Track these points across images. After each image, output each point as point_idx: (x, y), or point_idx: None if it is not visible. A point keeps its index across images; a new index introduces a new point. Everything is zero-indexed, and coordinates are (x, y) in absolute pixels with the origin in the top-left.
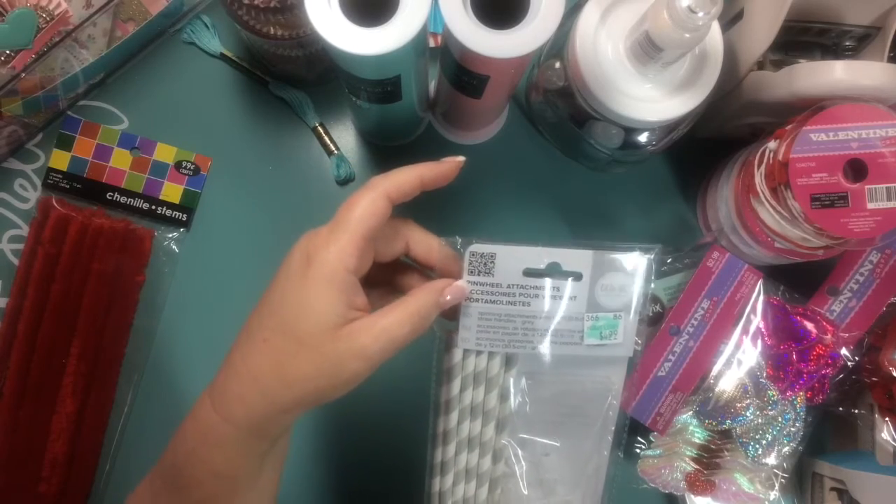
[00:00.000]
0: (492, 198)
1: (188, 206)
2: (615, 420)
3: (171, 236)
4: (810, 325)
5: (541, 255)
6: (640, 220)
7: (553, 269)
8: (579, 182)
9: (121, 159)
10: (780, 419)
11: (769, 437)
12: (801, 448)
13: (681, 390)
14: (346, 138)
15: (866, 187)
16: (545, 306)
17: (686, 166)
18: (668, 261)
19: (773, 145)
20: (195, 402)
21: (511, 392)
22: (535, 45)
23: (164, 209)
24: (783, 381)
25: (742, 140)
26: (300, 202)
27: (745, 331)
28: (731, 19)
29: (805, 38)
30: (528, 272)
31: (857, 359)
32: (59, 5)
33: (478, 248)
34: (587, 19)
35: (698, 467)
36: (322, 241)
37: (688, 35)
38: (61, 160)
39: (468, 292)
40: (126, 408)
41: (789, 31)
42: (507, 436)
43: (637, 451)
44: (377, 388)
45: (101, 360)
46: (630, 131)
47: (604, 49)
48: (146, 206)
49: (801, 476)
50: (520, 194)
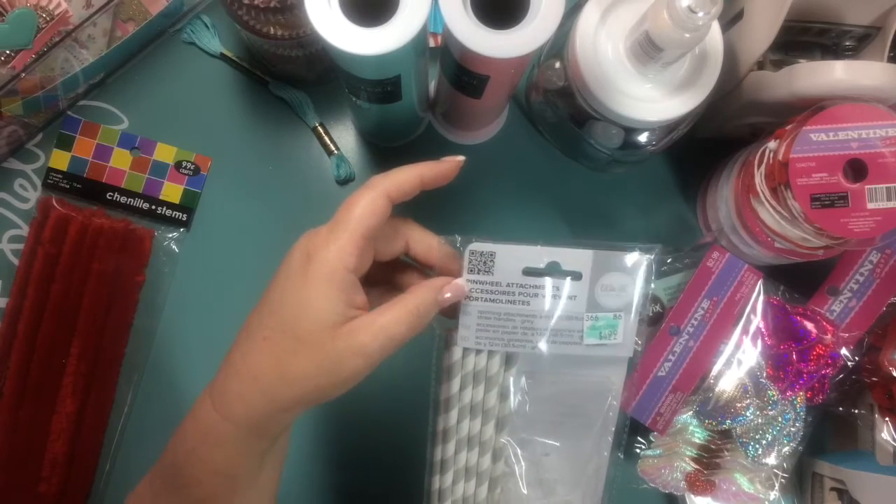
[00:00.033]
0: (492, 198)
1: (188, 206)
2: (615, 420)
3: (171, 236)
4: (810, 325)
5: (540, 255)
6: (640, 220)
7: (553, 269)
8: (579, 182)
9: (121, 159)
10: (780, 419)
11: (769, 437)
12: (801, 448)
13: (681, 390)
14: (346, 138)
15: (866, 187)
16: (545, 306)
17: (686, 166)
18: (668, 261)
19: (773, 145)
20: (195, 401)
21: (511, 391)
22: (535, 45)
23: (164, 209)
24: (783, 381)
25: (742, 140)
26: (300, 202)
27: (745, 331)
28: (731, 19)
29: (805, 38)
30: (528, 271)
31: (857, 359)
32: (59, 5)
33: (477, 246)
34: (587, 19)
35: (698, 467)
36: (322, 240)
37: (688, 35)
38: (61, 160)
39: (467, 291)
40: (126, 408)
41: (789, 31)
42: (507, 435)
43: (637, 451)
44: (377, 387)
45: (101, 360)
46: (630, 131)
47: (604, 49)
48: (146, 206)
49: (801, 476)
50: (520, 194)
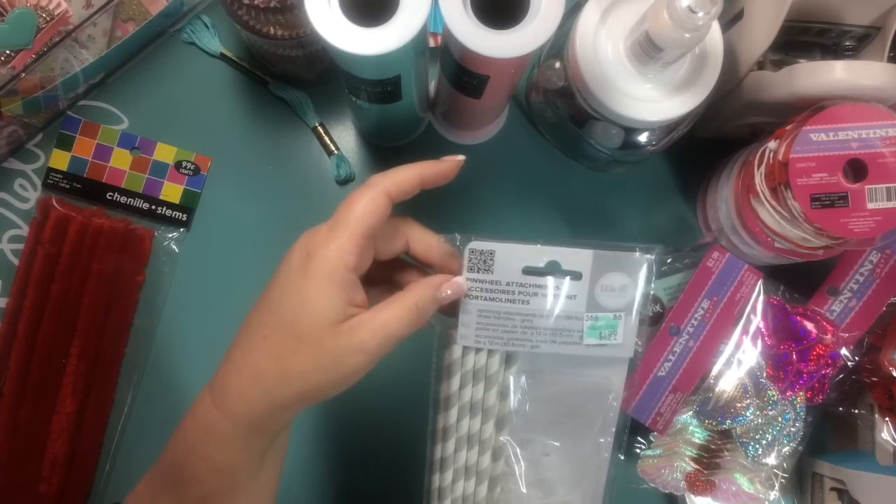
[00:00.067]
0: (492, 198)
1: (188, 206)
2: (615, 421)
3: (171, 236)
4: (810, 325)
5: (540, 254)
6: (640, 220)
7: (552, 268)
8: (579, 182)
9: (121, 159)
10: (780, 419)
11: (769, 437)
12: (801, 448)
13: (681, 390)
14: (346, 138)
15: (866, 187)
16: (544, 305)
17: (686, 166)
18: (668, 261)
19: (773, 145)
20: (195, 400)
21: (511, 390)
22: (535, 45)
23: (164, 209)
24: (783, 381)
25: (742, 140)
26: (300, 202)
27: (745, 331)
28: (731, 19)
29: (805, 38)
30: (528, 270)
31: (857, 359)
32: (59, 5)
33: (477, 245)
34: (587, 19)
35: (698, 467)
36: (322, 239)
37: (688, 35)
38: (61, 160)
39: (466, 289)
40: (126, 408)
41: (789, 31)
42: (507, 434)
43: (637, 451)
44: (377, 384)
45: (101, 360)
46: (630, 131)
47: (604, 49)
48: (146, 206)
49: (801, 476)
50: (520, 194)
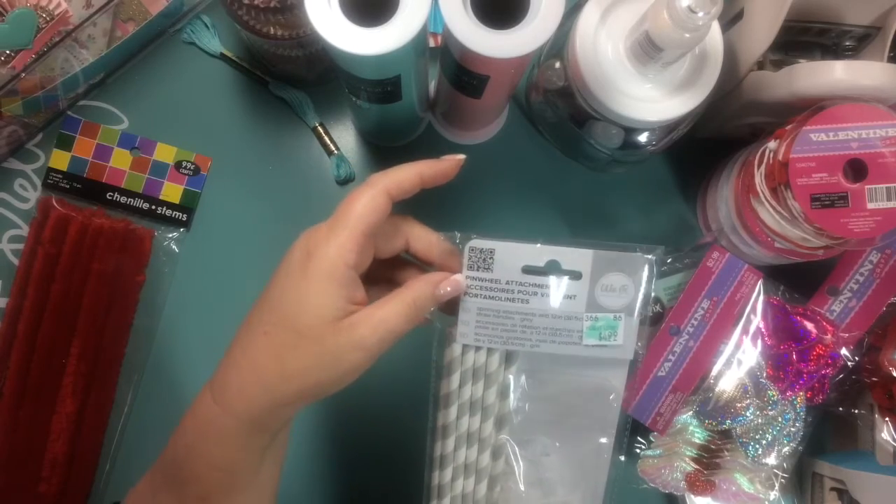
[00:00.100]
0: (492, 198)
1: (188, 206)
2: (616, 422)
3: (171, 236)
4: (810, 325)
5: (540, 253)
6: (640, 220)
7: (552, 268)
8: (579, 182)
9: (121, 159)
10: (780, 419)
11: (769, 437)
12: (801, 448)
13: (681, 390)
14: (346, 138)
15: (866, 187)
16: (543, 304)
17: (686, 166)
18: (668, 261)
19: (773, 145)
20: (195, 397)
21: (510, 389)
22: (535, 45)
23: (164, 209)
24: (783, 381)
25: (742, 140)
26: (300, 202)
27: (745, 331)
28: (731, 19)
29: (805, 38)
30: (527, 269)
31: (857, 359)
32: (59, 5)
33: (477, 243)
34: (587, 19)
35: (698, 467)
36: (322, 237)
37: (688, 35)
38: (61, 160)
39: (465, 286)
40: (126, 408)
41: (789, 31)
42: (507, 433)
43: (637, 451)
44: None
45: (101, 360)
46: (630, 131)
47: (604, 49)
48: (146, 206)
49: (801, 476)
50: (520, 194)
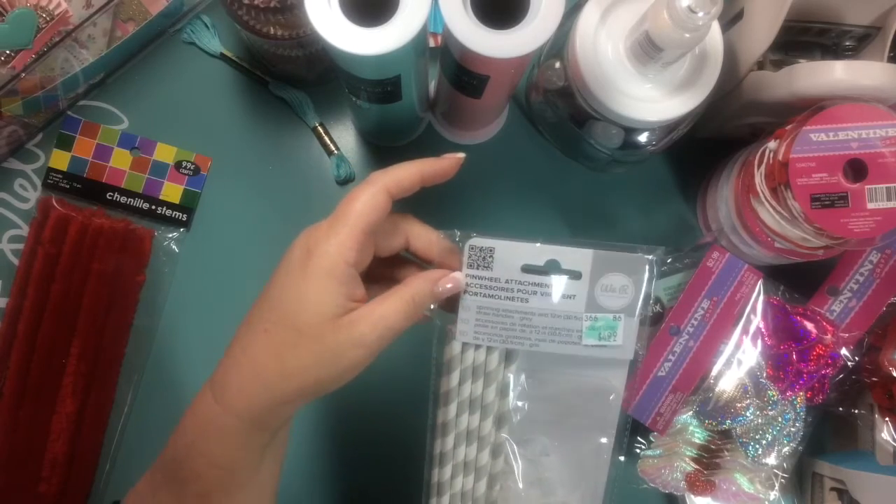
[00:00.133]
0: (492, 198)
1: (188, 206)
2: (616, 422)
3: (171, 236)
4: (810, 325)
5: (540, 252)
6: (640, 220)
7: (552, 267)
8: (579, 182)
9: (121, 159)
10: (780, 419)
11: (769, 437)
12: (801, 448)
13: (681, 390)
14: (346, 138)
15: (866, 187)
16: (543, 304)
17: (686, 166)
18: (668, 261)
19: (773, 145)
20: (195, 396)
21: (510, 388)
22: (535, 45)
23: (164, 209)
24: (783, 381)
25: (742, 140)
26: (300, 202)
27: (745, 331)
28: (731, 19)
29: (805, 38)
30: (527, 268)
31: (857, 359)
32: (59, 5)
33: (477, 242)
34: (587, 19)
35: (698, 467)
36: (322, 235)
37: (688, 35)
38: (61, 160)
39: (464, 284)
40: (126, 408)
41: (789, 31)
42: (506, 432)
43: (637, 451)
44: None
45: (101, 360)
46: (630, 131)
47: (604, 49)
48: (146, 206)
49: (801, 476)
50: (520, 194)
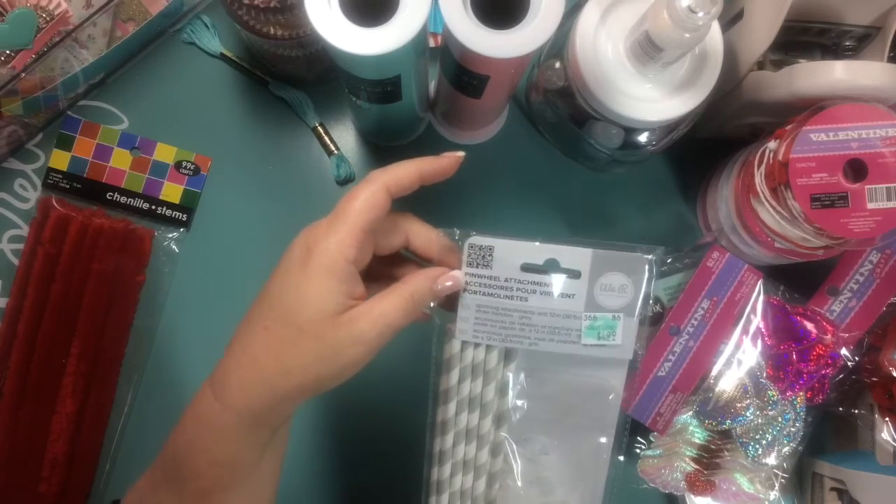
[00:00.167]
0: (491, 198)
1: (188, 206)
2: (615, 422)
3: (171, 236)
4: (810, 325)
5: (539, 251)
6: (640, 220)
7: (551, 266)
8: (579, 182)
9: (121, 159)
10: (780, 419)
11: (769, 437)
12: (801, 448)
13: (681, 390)
14: (346, 138)
15: (866, 187)
16: (542, 303)
17: (686, 166)
18: (668, 261)
19: (773, 145)
20: (195, 394)
21: (510, 387)
22: (535, 45)
23: (164, 209)
24: (783, 381)
25: (742, 140)
26: (300, 202)
27: (745, 331)
28: (731, 19)
29: (805, 38)
30: (526, 267)
31: (857, 359)
32: (59, 5)
33: (476, 240)
34: (587, 19)
35: (698, 467)
36: (322, 233)
37: (688, 35)
38: (61, 160)
39: (463, 282)
40: (126, 408)
41: (789, 31)
42: (506, 431)
43: (637, 451)
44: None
45: (101, 360)
46: (630, 131)
47: (604, 49)
48: (146, 206)
49: (801, 476)
50: (520, 194)
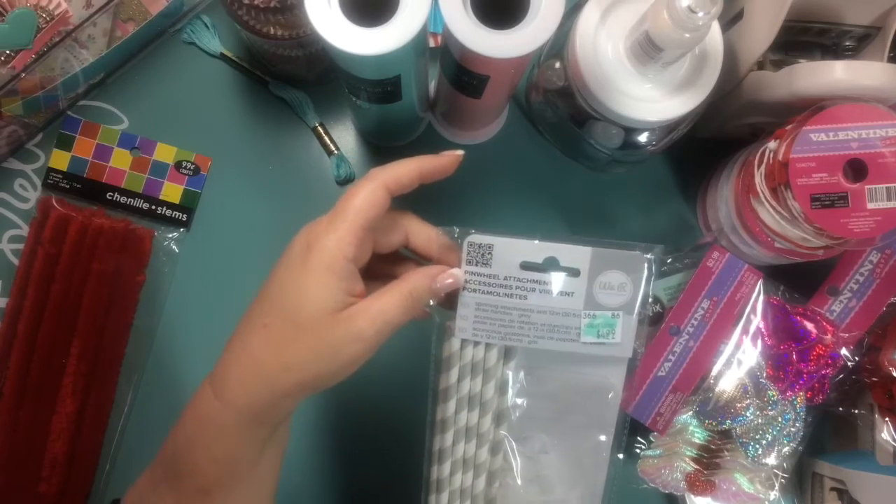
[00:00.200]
0: (492, 198)
1: (188, 206)
2: (615, 420)
3: (171, 236)
4: (810, 325)
5: (539, 250)
6: (640, 220)
7: (550, 264)
8: (579, 182)
9: (121, 159)
10: (780, 419)
11: (769, 437)
12: (801, 448)
13: (681, 390)
14: (346, 138)
15: (866, 187)
16: (541, 301)
17: (686, 166)
18: (668, 261)
19: (773, 145)
20: (195, 392)
21: (509, 385)
22: (535, 45)
23: (164, 209)
24: (783, 381)
25: (742, 140)
26: (300, 202)
27: (745, 331)
28: (731, 19)
29: (805, 38)
30: (526, 265)
31: (857, 359)
32: (59, 5)
33: (476, 238)
34: (587, 19)
35: (698, 467)
36: (322, 230)
37: (688, 35)
38: (61, 160)
39: (463, 280)
40: (126, 408)
41: (789, 31)
42: (505, 429)
43: (637, 451)
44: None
45: (101, 360)
46: (630, 131)
47: (604, 49)
48: (146, 206)
49: (801, 476)
50: (520, 194)
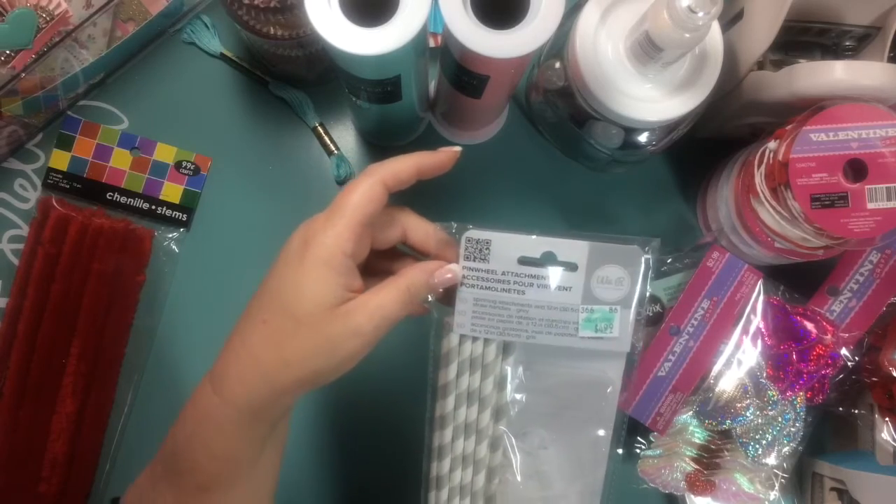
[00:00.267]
0: (491, 198)
1: (188, 206)
2: (614, 415)
3: (171, 236)
4: (810, 325)
5: (536, 245)
6: (640, 220)
7: (548, 259)
8: (579, 182)
9: (121, 159)
10: (780, 419)
11: (769, 437)
12: (801, 448)
13: (681, 390)
14: (346, 138)
15: (866, 187)
16: (539, 296)
17: (686, 166)
18: (668, 261)
19: (773, 145)
20: (195, 389)
21: (508, 380)
22: (535, 45)
23: (164, 209)
24: (783, 381)
25: (742, 140)
26: (300, 202)
27: (745, 331)
28: (731, 19)
29: (805, 38)
30: (523, 260)
31: (857, 359)
32: (59, 5)
33: (473, 234)
34: (587, 19)
35: (698, 467)
36: (320, 226)
37: (688, 35)
38: (61, 160)
39: (461, 276)
40: (126, 408)
41: (789, 31)
42: (504, 425)
43: (637, 451)
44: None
45: (101, 360)
46: (630, 131)
47: (604, 49)
48: (146, 206)
49: (801, 476)
50: (519, 194)
